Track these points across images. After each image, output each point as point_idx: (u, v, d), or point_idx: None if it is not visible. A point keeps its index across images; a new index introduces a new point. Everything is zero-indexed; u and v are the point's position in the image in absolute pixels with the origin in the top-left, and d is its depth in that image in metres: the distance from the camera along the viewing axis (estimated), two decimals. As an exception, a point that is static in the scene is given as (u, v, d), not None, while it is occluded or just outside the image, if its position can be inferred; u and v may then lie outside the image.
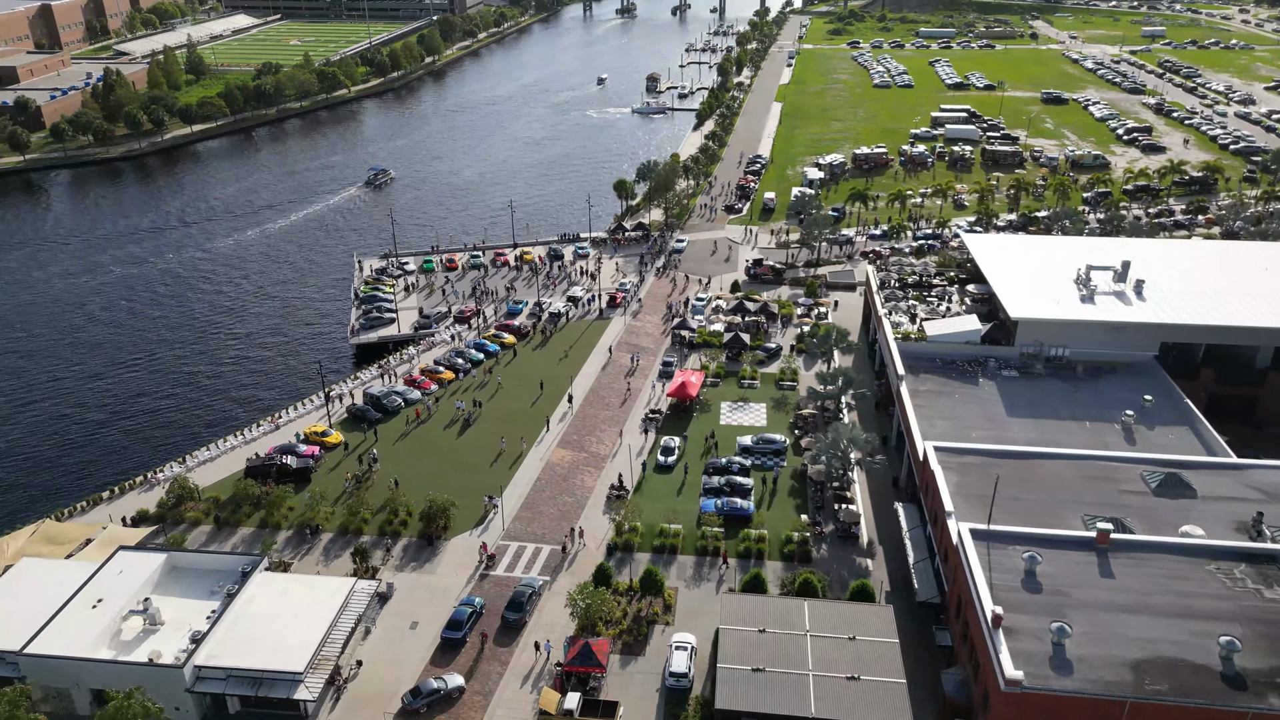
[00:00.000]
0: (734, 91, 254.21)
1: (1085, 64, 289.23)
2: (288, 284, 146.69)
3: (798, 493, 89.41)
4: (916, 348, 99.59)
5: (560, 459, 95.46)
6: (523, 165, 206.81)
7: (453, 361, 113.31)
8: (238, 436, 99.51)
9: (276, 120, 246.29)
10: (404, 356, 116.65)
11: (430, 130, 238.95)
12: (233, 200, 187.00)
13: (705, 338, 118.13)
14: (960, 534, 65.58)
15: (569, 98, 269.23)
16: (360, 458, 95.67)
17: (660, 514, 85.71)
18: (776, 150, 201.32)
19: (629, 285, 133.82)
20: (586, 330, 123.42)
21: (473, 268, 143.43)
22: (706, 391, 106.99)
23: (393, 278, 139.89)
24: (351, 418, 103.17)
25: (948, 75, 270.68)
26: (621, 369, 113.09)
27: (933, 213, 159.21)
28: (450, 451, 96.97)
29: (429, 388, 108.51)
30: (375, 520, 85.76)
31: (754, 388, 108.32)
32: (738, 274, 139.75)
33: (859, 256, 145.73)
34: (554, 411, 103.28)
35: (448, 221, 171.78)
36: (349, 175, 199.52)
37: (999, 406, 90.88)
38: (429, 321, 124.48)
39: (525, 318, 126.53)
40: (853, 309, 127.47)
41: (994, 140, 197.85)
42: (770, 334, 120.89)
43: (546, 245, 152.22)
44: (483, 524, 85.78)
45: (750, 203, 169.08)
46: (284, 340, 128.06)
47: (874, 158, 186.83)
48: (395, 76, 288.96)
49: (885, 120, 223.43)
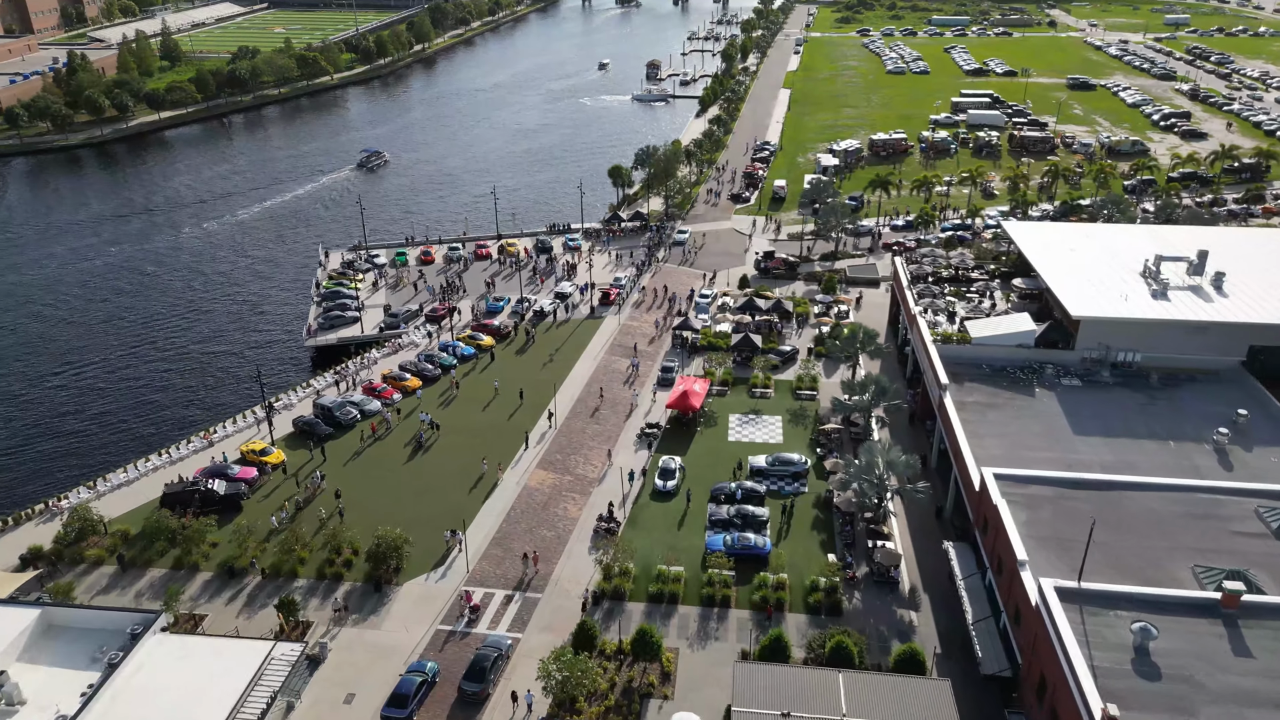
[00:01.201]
0: (739, 77, 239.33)
1: (1109, 50, 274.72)
2: (249, 279, 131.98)
3: (822, 525, 74.63)
4: (959, 351, 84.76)
5: (539, 483, 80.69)
6: (511, 154, 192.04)
7: (420, 367, 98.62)
8: (162, 456, 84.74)
9: (253, 107, 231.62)
10: (365, 361, 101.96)
11: (413, 117, 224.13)
12: (202, 189, 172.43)
13: (710, 339, 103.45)
14: (1043, 594, 50.78)
15: (564, 85, 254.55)
16: (299, 481, 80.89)
17: (658, 552, 71.04)
18: (786, 137, 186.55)
19: (624, 280, 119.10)
20: (576, 331, 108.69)
21: (451, 261, 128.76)
22: (712, 402, 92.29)
23: (360, 272, 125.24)
24: (299, 433, 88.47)
25: (965, 61, 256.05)
26: (614, 375, 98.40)
27: (959, 202, 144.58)
28: (410, 474, 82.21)
29: (390, 397, 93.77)
30: (313, 560, 71.09)
31: (767, 397, 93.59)
32: (746, 268, 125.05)
33: (881, 249, 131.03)
34: (534, 426, 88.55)
35: (426, 211, 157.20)
36: (325, 163, 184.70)
37: (1062, 422, 76.03)
38: (396, 320, 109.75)
39: (506, 317, 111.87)
40: (877, 307, 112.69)
41: (1020, 126, 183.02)
42: (785, 335, 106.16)
43: (534, 237, 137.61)
44: (443, 565, 71.06)
45: (759, 191, 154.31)
46: (235, 343, 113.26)
47: (893, 144, 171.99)
48: (383, 64, 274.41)
49: (901, 106, 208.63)
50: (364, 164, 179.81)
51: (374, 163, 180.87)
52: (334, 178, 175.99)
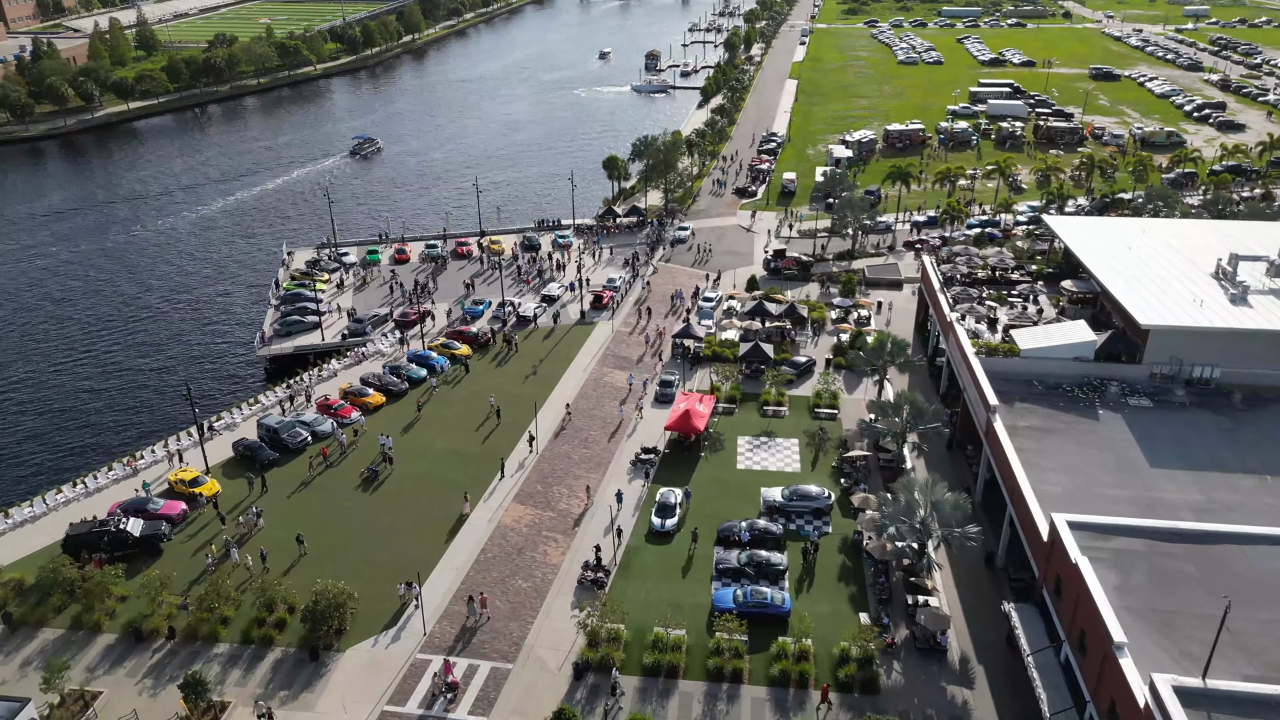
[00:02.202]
0: (744, 67, 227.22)
1: (1128, 41, 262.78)
2: (206, 281, 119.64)
3: (851, 575, 62.55)
4: (1007, 366, 72.74)
5: (516, 521, 68.56)
6: (500, 146, 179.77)
7: (384, 380, 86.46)
8: (76, 487, 72.63)
9: (230, 98, 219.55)
10: (322, 373, 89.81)
11: (397, 109, 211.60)
12: (169, 181, 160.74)
13: (715, 349, 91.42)
14: (1158, 697, 38.72)
15: (558, 77, 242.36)
16: (224, 518, 68.68)
17: (654, 610, 59.04)
18: (794, 128, 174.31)
19: (619, 282, 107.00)
20: (563, 339, 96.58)
21: (428, 259, 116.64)
22: (717, 422, 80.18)
23: (327, 271, 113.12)
24: (239, 458, 76.36)
25: (980, 51, 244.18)
26: (605, 391, 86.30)
27: (984, 196, 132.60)
28: (363, 510, 70.05)
29: (348, 416, 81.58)
30: (239, 619, 59.04)
31: (781, 416, 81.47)
32: (754, 268, 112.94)
33: (901, 247, 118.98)
34: (512, 451, 76.41)
35: (405, 206, 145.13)
36: (301, 155, 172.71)
37: (1134, 451, 64.04)
38: (361, 326, 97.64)
39: (486, 322, 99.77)
40: (901, 312, 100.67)
41: (1045, 116, 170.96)
42: (799, 344, 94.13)
43: (520, 234, 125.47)
44: (395, 625, 58.99)
45: (767, 185, 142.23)
46: (181, 353, 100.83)
47: (909, 135, 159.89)
48: (370, 54, 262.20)
49: (916, 96, 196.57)
50: (357, 151, 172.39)
51: (367, 150, 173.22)
52: (320, 167, 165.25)
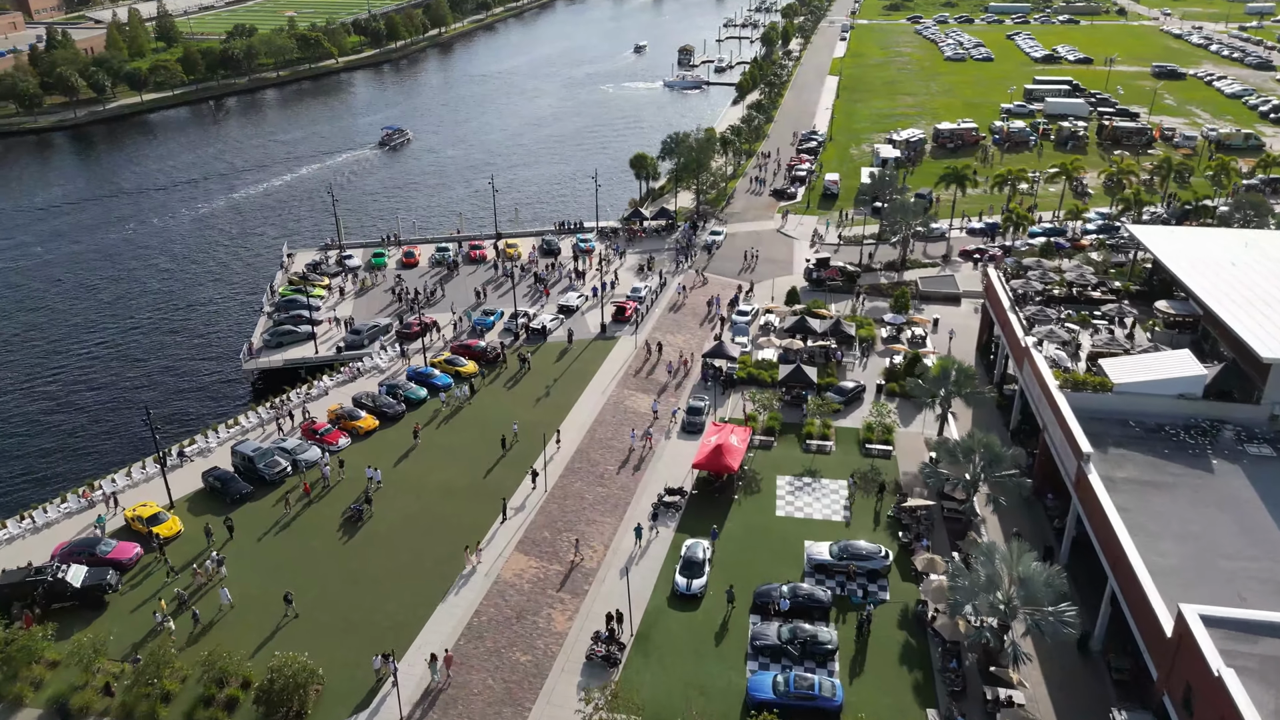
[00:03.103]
0: (783, 61, 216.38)
1: (1189, 39, 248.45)
2: (201, 282, 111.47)
3: (914, 656, 52.08)
4: (1098, 403, 61.86)
5: (517, 575, 58.77)
6: (522, 143, 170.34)
7: (379, 401, 77.10)
8: (22, 522, 63.82)
9: (248, 90, 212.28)
10: (311, 392, 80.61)
11: (416, 104, 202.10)
12: (178, 175, 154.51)
13: (750, 370, 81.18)
14: None
15: (588, 72, 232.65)
16: (171, 567, 59.41)
17: (677, 696, 49.04)
18: (836, 126, 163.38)
19: (644, 291, 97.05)
20: (581, 355, 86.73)
21: (436, 264, 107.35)
22: (753, 457, 69.95)
23: (328, 275, 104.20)
24: (209, 490, 67.31)
25: (1032, 48, 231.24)
26: (626, 417, 76.32)
27: (1045, 201, 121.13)
28: (342, 557, 60.63)
29: (335, 443, 72.31)
30: (185, 695, 49.76)
31: (827, 452, 71.06)
32: (794, 278, 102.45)
33: (957, 257, 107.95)
34: (516, 490, 66.67)
35: (418, 205, 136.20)
36: (309, 151, 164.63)
37: (1260, 512, 53.04)
38: (360, 339, 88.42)
39: (496, 336, 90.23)
40: (960, 331, 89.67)
41: (1107, 115, 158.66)
42: (846, 365, 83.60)
43: (539, 236, 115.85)
44: (367, 708, 49.38)
45: (807, 186, 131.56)
46: (163, 365, 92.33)
47: (961, 134, 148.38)
48: (394, 48, 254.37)
49: (965, 94, 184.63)
50: (385, 142, 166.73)
51: (396, 140, 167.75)
52: (338, 161, 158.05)
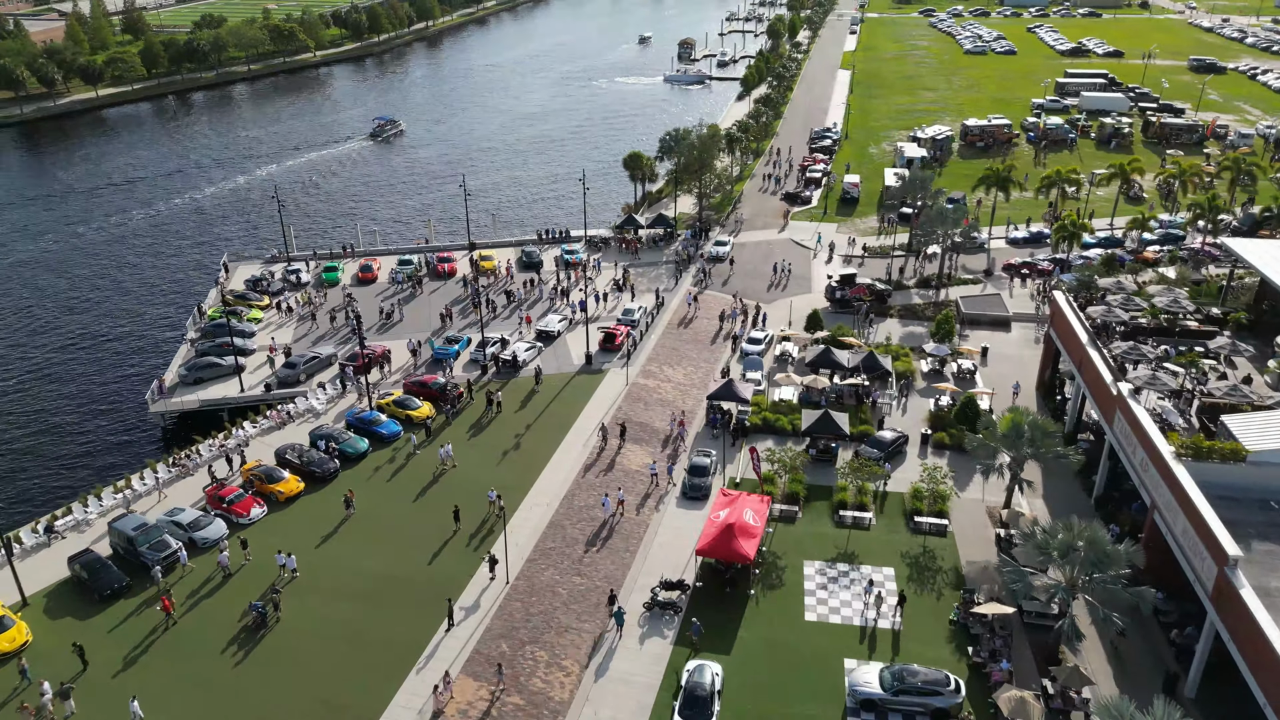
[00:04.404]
0: (793, 54, 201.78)
1: (1222, 32, 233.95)
2: (123, 302, 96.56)
3: None
4: (1227, 477, 47.16)
5: (462, 714, 43.90)
6: (506, 142, 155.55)
7: (306, 457, 62.25)
8: None
9: (217, 85, 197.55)
10: (227, 443, 65.70)
11: (392, 100, 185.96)
12: (133, 174, 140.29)
13: (766, 414, 66.48)
14: None
15: (582, 66, 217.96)
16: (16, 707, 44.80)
17: None
18: (851, 123, 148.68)
19: (638, 314, 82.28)
20: (560, 394, 71.94)
21: (395, 280, 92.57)
22: (773, 534, 55.17)
23: (270, 293, 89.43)
24: (75, 583, 52.55)
25: (1057, 41, 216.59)
26: (614, 477, 61.51)
27: (1099, 207, 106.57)
28: (231, 689, 45.81)
29: (246, 513, 57.45)
30: None
31: (865, 527, 56.24)
32: (814, 297, 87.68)
33: (1000, 272, 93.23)
34: (469, 582, 51.84)
35: (383, 211, 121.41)
36: (269, 152, 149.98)
37: None
38: (295, 373, 73.63)
39: (461, 369, 75.44)
40: (1013, 363, 74.90)
41: (1152, 112, 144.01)
42: (882, 406, 68.82)
43: (518, 247, 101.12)
44: None
45: (825, 189, 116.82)
46: (51, 408, 77.26)
47: (992, 131, 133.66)
48: (377, 41, 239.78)
49: (990, 89, 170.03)
50: (378, 133, 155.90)
51: (389, 131, 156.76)
52: (309, 159, 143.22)
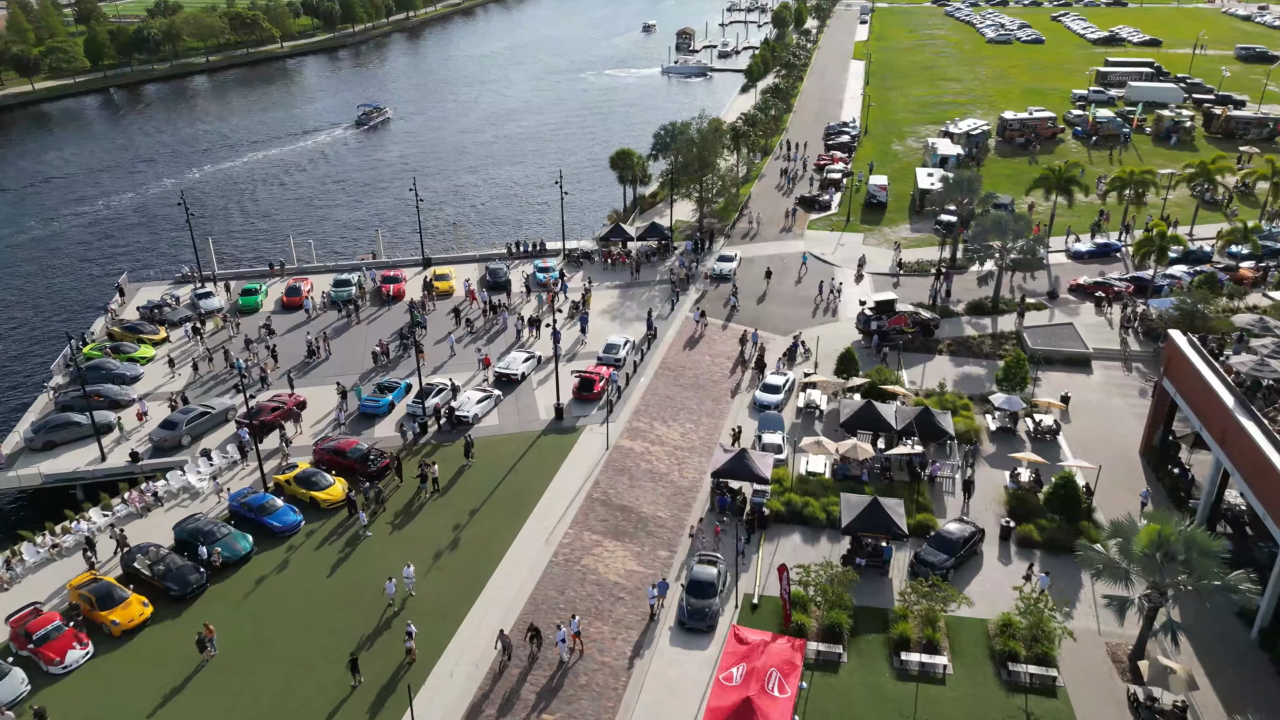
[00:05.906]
0: (803, 42, 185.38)
1: (1262, 20, 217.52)
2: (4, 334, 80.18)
3: None
4: None
5: None
6: (480, 141, 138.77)
7: (159, 568, 45.21)
8: None
9: (171, 77, 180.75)
10: (63, 540, 48.76)
11: (362, 93, 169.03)
12: (71, 172, 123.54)
13: (791, 495, 49.67)
14: None
15: (576, 59, 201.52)
16: None
17: None
18: (870, 117, 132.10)
19: (623, 351, 65.46)
20: (520, 463, 54.95)
21: (334, 304, 75.66)
22: (808, 691, 38.33)
23: (167, 323, 72.54)
24: None
25: (1086, 29, 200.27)
26: (591, 591, 44.65)
27: (1152, 211, 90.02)
28: None
29: (61, 659, 40.48)
30: None
31: (938, 678, 39.28)
32: (842, 326, 70.81)
33: (1066, 294, 76.45)
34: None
35: (326, 223, 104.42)
36: (238, 143, 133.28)
37: None
38: (175, 434, 56.71)
39: (395, 427, 58.47)
40: (1098, 414, 58.18)
41: (1212, 103, 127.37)
42: (943, 481, 51.96)
43: (483, 264, 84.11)
44: None
45: (845, 192, 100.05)
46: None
47: (1033, 125, 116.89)
48: (352, 31, 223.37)
49: (1021, 79, 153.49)
50: (363, 121, 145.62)
51: (374, 119, 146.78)
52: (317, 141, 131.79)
